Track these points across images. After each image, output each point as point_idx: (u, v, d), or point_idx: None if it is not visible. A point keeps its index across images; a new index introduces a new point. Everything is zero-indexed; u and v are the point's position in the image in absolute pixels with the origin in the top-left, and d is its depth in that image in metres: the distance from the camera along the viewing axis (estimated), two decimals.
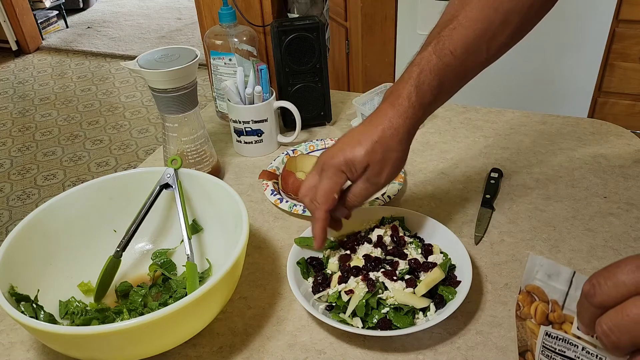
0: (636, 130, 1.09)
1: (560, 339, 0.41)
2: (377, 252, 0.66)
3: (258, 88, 0.91)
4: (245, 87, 0.92)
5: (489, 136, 0.97)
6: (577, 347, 0.40)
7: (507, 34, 0.60)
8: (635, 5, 1.58)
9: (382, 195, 0.81)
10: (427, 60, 0.60)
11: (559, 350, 0.41)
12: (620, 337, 0.34)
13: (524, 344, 0.45)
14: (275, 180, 0.86)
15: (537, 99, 1.75)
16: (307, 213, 0.78)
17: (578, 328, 0.40)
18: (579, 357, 0.40)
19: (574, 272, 0.40)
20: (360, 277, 0.62)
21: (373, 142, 0.60)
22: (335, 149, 0.62)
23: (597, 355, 0.39)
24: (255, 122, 0.93)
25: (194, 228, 0.73)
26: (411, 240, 0.68)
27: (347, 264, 0.65)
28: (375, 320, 0.59)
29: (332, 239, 0.71)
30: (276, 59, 0.97)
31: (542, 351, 0.43)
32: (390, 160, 0.61)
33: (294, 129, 0.97)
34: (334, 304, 0.62)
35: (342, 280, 0.63)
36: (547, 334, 0.42)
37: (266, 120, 0.93)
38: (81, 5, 4.87)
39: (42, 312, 0.59)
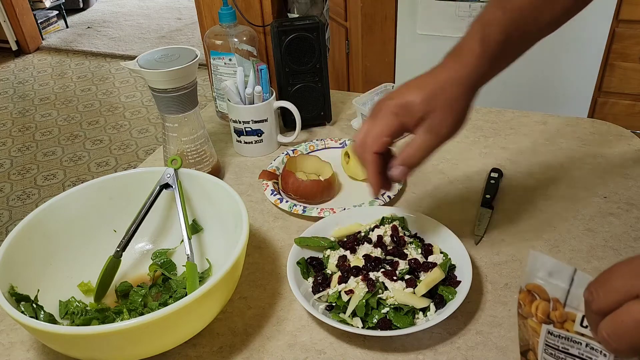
0: (636, 130, 1.09)
1: (563, 337, 0.41)
2: (377, 252, 0.66)
3: (258, 88, 0.91)
4: (245, 87, 0.92)
5: (489, 136, 0.97)
6: (581, 344, 0.40)
7: None
8: (635, 5, 1.57)
9: (382, 195, 0.81)
10: (492, 14, 0.58)
11: (562, 348, 0.41)
12: (619, 342, 0.35)
13: (526, 343, 0.45)
14: (275, 180, 0.86)
15: (537, 99, 1.75)
16: (307, 213, 0.78)
17: (582, 324, 0.40)
18: (583, 354, 0.40)
19: (575, 270, 0.40)
20: (360, 277, 0.62)
21: (434, 88, 0.56)
22: (392, 94, 0.58)
23: (601, 351, 0.39)
24: (255, 122, 0.93)
25: (194, 228, 0.73)
26: (411, 240, 0.68)
27: (345, 263, 0.65)
28: (375, 320, 0.59)
29: (332, 238, 0.71)
30: (276, 59, 0.97)
31: (545, 349, 0.43)
32: (453, 109, 0.57)
33: (294, 129, 0.97)
34: (334, 304, 0.62)
35: (342, 280, 0.63)
36: (549, 332, 0.42)
37: (266, 120, 0.93)
38: (81, 5, 4.87)
39: (42, 312, 0.59)
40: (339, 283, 0.63)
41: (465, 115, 0.58)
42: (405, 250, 0.66)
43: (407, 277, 0.63)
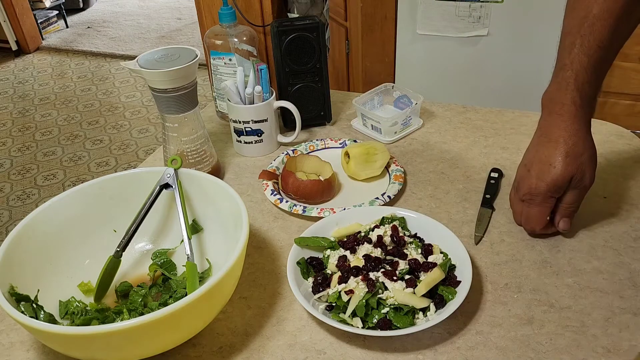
0: (636, 130, 1.09)
1: None
2: (377, 252, 0.66)
3: (258, 88, 0.91)
4: (245, 87, 0.92)
5: (489, 136, 0.97)
6: None
7: None
8: None
9: (382, 195, 0.81)
10: (578, 61, 0.63)
11: None
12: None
13: None
14: (275, 180, 0.86)
15: (537, 99, 1.75)
16: (307, 213, 0.78)
17: None
18: None
19: None
20: (360, 277, 0.62)
21: (564, 159, 0.64)
22: (533, 178, 0.67)
23: None
24: (255, 122, 0.93)
25: (194, 228, 0.73)
26: (411, 240, 0.68)
27: (345, 263, 0.65)
28: (375, 320, 0.60)
29: (332, 238, 0.71)
30: (276, 59, 0.97)
31: None
32: (585, 163, 0.65)
33: (294, 129, 0.97)
34: (334, 304, 0.62)
35: (342, 280, 0.63)
36: None
37: (266, 120, 0.93)
38: (81, 5, 4.87)
39: (42, 312, 0.59)
40: (339, 283, 0.63)
41: (595, 157, 0.67)
42: (405, 250, 0.66)
43: (407, 277, 0.63)
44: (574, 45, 0.63)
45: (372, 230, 0.69)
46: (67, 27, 4.50)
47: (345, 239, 0.70)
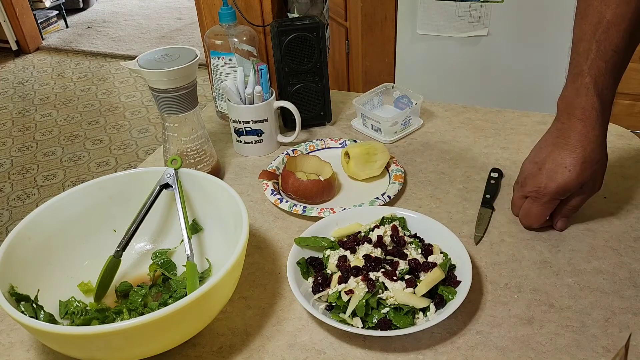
0: (636, 130, 1.09)
1: None
2: (377, 252, 0.66)
3: (258, 88, 0.91)
4: (245, 87, 0.92)
5: (489, 136, 0.97)
6: None
7: None
8: None
9: (382, 195, 0.81)
10: (596, 67, 0.63)
11: None
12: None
13: None
14: (275, 180, 0.86)
15: (537, 99, 1.75)
16: (307, 213, 0.78)
17: None
18: None
19: None
20: (360, 277, 0.62)
21: (581, 164, 0.64)
22: (544, 178, 0.66)
23: None
24: (255, 122, 0.93)
25: (194, 228, 0.73)
26: (411, 240, 0.68)
27: (345, 263, 0.65)
28: (375, 320, 0.60)
29: (332, 238, 0.71)
30: (276, 59, 0.97)
31: None
32: (599, 170, 0.66)
33: (294, 129, 0.97)
34: (334, 304, 0.62)
35: (342, 280, 0.63)
36: None
37: (266, 120, 0.93)
38: (81, 5, 4.87)
39: (42, 312, 0.59)
40: (339, 283, 0.63)
41: (606, 164, 0.67)
42: (405, 250, 0.66)
43: (407, 277, 0.63)
44: (590, 51, 0.63)
45: (372, 230, 0.69)
46: (67, 27, 4.50)
47: (345, 239, 0.70)
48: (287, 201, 0.81)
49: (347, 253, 0.67)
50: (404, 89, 1.04)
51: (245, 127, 0.93)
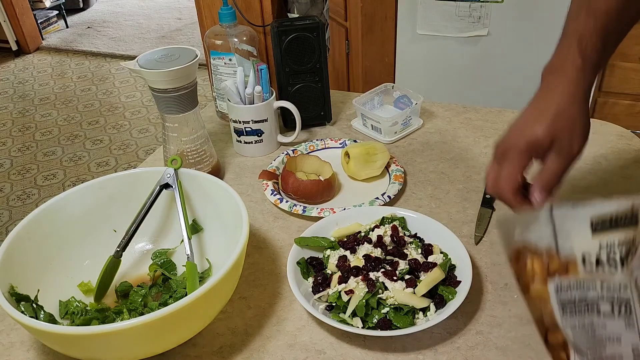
0: (636, 130, 1.09)
1: (573, 286, 0.37)
2: (377, 252, 0.66)
3: (258, 88, 0.91)
4: (245, 87, 0.92)
5: (489, 136, 0.97)
6: (596, 285, 0.37)
7: None
8: None
9: (382, 195, 0.81)
10: (583, 25, 0.59)
11: (578, 298, 0.38)
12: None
13: (540, 320, 0.41)
14: (275, 180, 0.86)
15: None
16: (307, 213, 0.78)
17: (584, 263, 0.36)
18: (602, 294, 0.37)
19: (551, 207, 0.37)
20: (360, 277, 0.62)
21: (552, 116, 0.57)
22: (514, 133, 0.59)
23: (620, 284, 0.36)
24: (255, 122, 0.93)
25: (194, 228, 0.73)
26: (411, 240, 0.68)
27: (345, 263, 0.65)
28: (375, 320, 0.59)
29: (332, 238, 0.71)
30: (276, 59, 0.97)
31: (562, 312, 0.39)
32: (577, 127, 0.58)
33: (294, 129, 0.97)
34: (334, 304, 0.62)
35: (342, 280, 0.63)
36: (557, 288, 0.38)
37: (266, 120, 0.93)
38: (81, 5, 4.87)
39: (42, 312, 0.59)
40: (339, 283, 0.63)
41: (587, 128, 0.59)
42: (405, 250, 0.66)
43: (407, 277, 0.63)
44: (579, 13, 0.60)
45: (372, 230, 0.69)
46: (67, 27, 4.50)
47: (345, 239, 0.70)
48: (287, 201, 0.81)
49: (347, 253, 0.67)
50: (404, 89, 1.04)
51: (245, 127, 0.93)
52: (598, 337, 0.36)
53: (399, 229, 0.69)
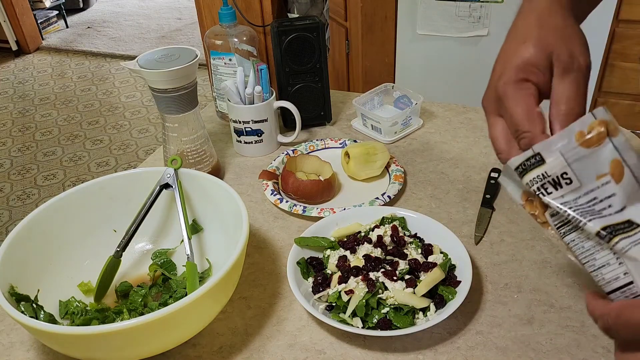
0: (636, 130, 1.09)
1: (557, 212, 0.44)
2: (377, 252, 0.66)
3: (258, 88, 0.91)
4: (245, 87, 0.92)
5: (489, 136, 0.97)
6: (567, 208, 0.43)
7: None
8: (635, 5, 1.58)
9: (382, 195, 0.81)
10: None
11: (564, 218, 0.44)
12: None
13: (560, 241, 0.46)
14: (275, 180, 0.86)
15: None
16: (307, 213, 0.78)
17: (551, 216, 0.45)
18: (577, 212, 0.42)
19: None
20: (360, 277, 0.62)
21: (537, 30, 0.47)
22: (500, 68, 0.48)
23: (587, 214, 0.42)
24: (255, 122, 0.93)
25: (194, 228, 0.73)
26: (411, 240, 0.68)
27: (345, 263, 0.65)
28: (375, 320, 0.60)
29: (332, 238, 0.71)
30: (276, 59, 0.97)
31: (558, 229, 0.45)
32: (570, 37, 0.47)
33: (294, 129, 0.97)
34: (334, 304, 0.62)
35: (342, 280, 0.63)
36: (551, 215, 0.45)
37: (266, 120, 0.93)
38: (81, 5, 4.87)
39: (42, 312, 0.59)
40: (339, 283, 0.63)
41: (581, 35, 0.48)
42: (405, 250, 0.66)
43: (407, 277, 0.63)
44: None
45: (372, 230, 0.69)
46: (67, 27, 4.50)
47: (345, 239, 0.70)
48: (287, 201, 0.81)
49: (347, 253, 0.67)
50: (404, 89, 1.04)
51: (245, 127, 0.93)
52: (591, 256, 0.43)
53: (399, 229, 0.69)
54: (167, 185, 0.71)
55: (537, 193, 0.44)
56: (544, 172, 0.43)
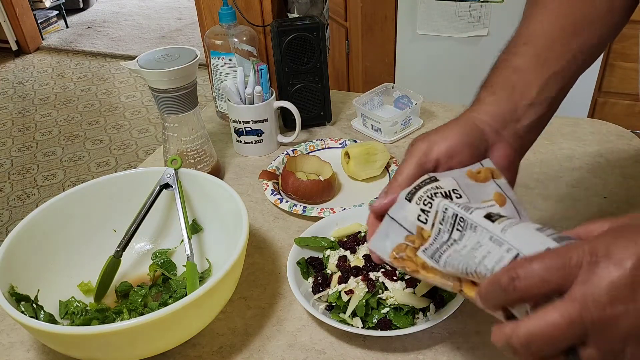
0: (636, 130, 1.09)
1: (431, 242, 0.46)
2: None
3: (258, 88, 0.91)
4: (245, 87, 0.92)
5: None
6: (438, 229, 0.46)
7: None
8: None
9: None
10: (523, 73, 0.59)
11: (438, 245, 0.45)
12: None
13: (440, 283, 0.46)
14: (275, 180, 0.86)
15: None
16: (307, 213, 0.78)
17: (423, 222, 0.47)
18: (444, 229, 0.45)
19: (387, 212, 0.48)
20: (360, 277, 0.62)
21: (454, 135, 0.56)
22: (428, 147, 0.54)
23: (443, 208, 0.46)
24: (255, 122, 0.93)
25: (194, 228, 0.73)
26: None
27: (345, 263, 0.65)
28: (375, 320, 0.59)
29: (332, 238, 0.71)
30: (276, 59, 0.97)
31: (432, 257, 0.45)
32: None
33: (294, 129, 0.97)
34: (334, 304, 0.62)
35: (342, 280, 0.63)
36: (424, 250, 0.46)
37: (266, 120, 0.93)
38: (81, 5, 4.87)
39: (42, 312, 0.59)
40: (339, 283, 0.63)
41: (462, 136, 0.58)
42: None
43: (407, 277, 0.62)
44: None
45: None
46: (67, 27, 4.50)
47: (345, 239, 0.70)
48: (287, 201, 0.81)
49: (347, 253, 0.67)
50: (404, 89, 1.04)
51: (245, 127, 0.93)
52: (470, 258, 0.41)
53: None
54: (167, 185, 0.71)
55: (427, 202, 0.47)
56: (437, 186, 0.48)
